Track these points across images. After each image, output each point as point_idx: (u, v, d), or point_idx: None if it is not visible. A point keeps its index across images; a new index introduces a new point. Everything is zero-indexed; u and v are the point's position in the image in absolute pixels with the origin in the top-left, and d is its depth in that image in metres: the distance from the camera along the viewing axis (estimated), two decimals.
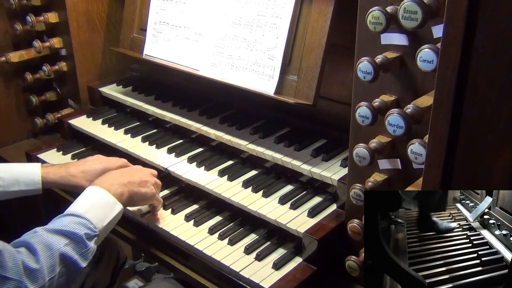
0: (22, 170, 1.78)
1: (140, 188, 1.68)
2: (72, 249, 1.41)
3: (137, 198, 1.68)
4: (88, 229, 1.46)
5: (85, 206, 1.52)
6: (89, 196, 1.57)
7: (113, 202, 1.57)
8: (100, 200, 1.56)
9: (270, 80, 1.81)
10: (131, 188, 1.65)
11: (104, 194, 1.57)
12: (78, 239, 1.43)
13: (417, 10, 1.14)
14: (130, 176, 1.68)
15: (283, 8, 1.78)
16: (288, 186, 1.83)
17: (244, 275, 1.56)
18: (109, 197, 1.57)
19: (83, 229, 1.45)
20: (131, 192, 1.64)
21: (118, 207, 1.58)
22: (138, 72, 2.59)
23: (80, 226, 1.45)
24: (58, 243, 1.39)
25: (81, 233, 1.44)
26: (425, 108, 1.20)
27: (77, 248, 1.42)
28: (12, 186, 1.75)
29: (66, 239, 1.41)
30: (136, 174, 1.72)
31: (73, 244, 1.42)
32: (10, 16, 2.44)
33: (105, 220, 1.52)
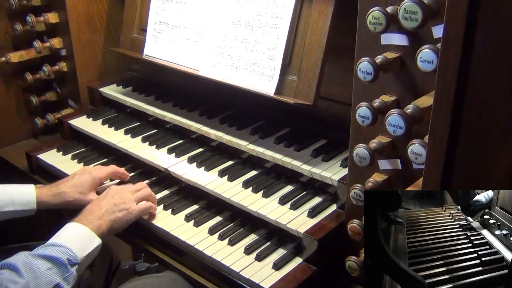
0: (16, 190, 1.81)
1: (117, 214, 1.71)
2: (55, 273, 1.46)
3: (118, 224, 1.72)
4: (70, 256, 1.52)
5: (66, 238, 1.57)
6: (68, 230, 1.61)
7: (91, 236, 1.62)
8: (79, 234, 1.61)
9: (270, 81, 1.81)
10: (108, 218, 1.69)
11: (83, 229, 1.62)
12: (61, 264, 1.48)
13: (417, 11, 1.14)
14: (106, 205, 1.72)
15: (283, 9, 1.78)
16: (288, 187, 1.83)
17: (244, 275, 1.56)
18: (87, 231, 1.62)
19: (65, 255, 1.50)
20: (108, 222, 1.68)
21: (97, 242, 1.62)
22: (138, 72, 2.59)
23: (62, 253, 1.50)
24: (41, 266, 1.45)
25: (63, 258, 1.49)
26: (425, 108, 1.20)
27: (60, 272, 1.48)
28: (6, 206, 1.78)
29: (49, 263, 1.47)
30: (111, 200, 1.74)
31: (56, 268, 1.47)
32: (10, 17, 2.44)
33: (84, 251, 1.57)
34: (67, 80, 2.52)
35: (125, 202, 1.74)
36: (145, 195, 1.83)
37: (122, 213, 1.72)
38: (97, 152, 2.24)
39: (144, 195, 1.82)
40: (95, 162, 2.16)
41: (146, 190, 1.84)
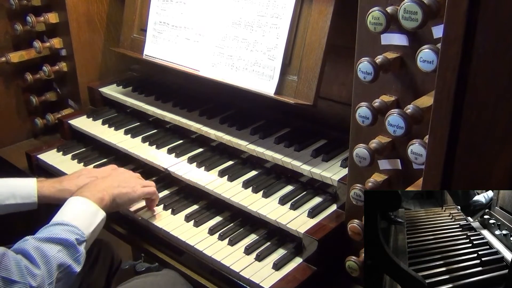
0: (18, 184, 1.80)
1: (121, 189, 1.71)
2: (65, 254, 1.45)
3: (121, 199, 1.71)
4: (77, 234, 1.50)
5: (71, 215, 1.56)
6: (72, 206, 1.60)
7: (95, 209, 1.61)
8: (84, 209, 1.60)
9: (270, 81, 1.81)
10: (111, 191, 1.68)
11: (86, 202, 1.61)
12: (70, 245, 1.47)
13: (417, 11, 1.14)
14: (110, 181, 1.72)
15: (283, 9, 1.78)
16: (288, 187, 1.84)
17: (244, 276, 1.57)
18: (91, 204, 1.61)
19: (73, 235, 1.49)
20: (111, 195, 1.68)
21: (101, 215, 1.62)
22: (138, 72, 2.59)
23: (69, 233, 1.49)
24: (51, 250, 1.43)
25: (72, 238, 1.48)
26: (425, 108, 1.20)
27: (70, 253, 1.47)
28: (8, 199, 1.77)
29: (58, 246, 1.45)
30: (116, 177, 1.75)
31: (65, 250, 1.46)
32: (10, 17, 2.44)
33: (90, 226, 1.56)
34: (67, 80, 2.52)
35: (129, 182, 1.75)
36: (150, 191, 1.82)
37: (126, 190, 1.72)
38: (97, 152, 2.24)
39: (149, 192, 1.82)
40: (95, 162, 2.17)
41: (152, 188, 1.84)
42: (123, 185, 1.73)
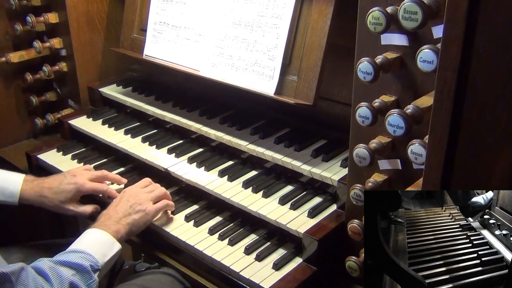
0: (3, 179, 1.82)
1: (134, 216, 1.71)
2: (79, 279, 1.47)
3: (136, 227, 1.72)
4: (92, 262, 1.52)
5: (87, 244, 1.58)
6: (89, 236, 1.62)
7: (112, 241, 1.62)
8: (99, 240, 1.61)
9: (270, 81, 1.81)
10: (126, 221, 1.69)
11: (102, 234, 1.62)
12: (84, 270, 1.49)
13: (417, 11, 1.14)
14: (123, 208, 1.72)
15: (283, 9, 1.78)
16: (288, 187, 1.84)
17: (244, 276, 1.57)
18: (108, 236, 1.62)
19: (87, 262, 1.51)
20: (126, 226, 1.69)
21: (117, 247, 1.63)
22: (138, 72, 2.59)
23: (84, 260, 1.51)
24: (66, 273, 1.45)
25: (86, 264, 1.50)
26: (425, 108, 1.20)
27: (84, 278, 1.48)
28: None
29: (73, 271, 1.47)
30: (127, 201, 1.74)
31: (79, 274, 1.48)
32: (10, 17, 2.44)
33: (105, 257, 1.58)
34: (67, 80, 2.52)
35: (141, 203, 1.74)
36: (160, 194, 1.82)
37: (139, 215, 1.72)
38: (97, 152, 2.24)
39: (159, 195, 1.81)
40: (95, 162, 2.16)
41: (160, 190, 1.83)
42: (136, 208, 1.72)
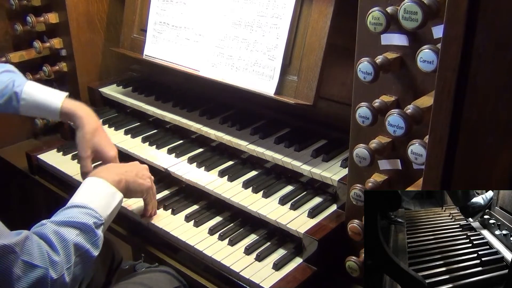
0: (46, 96, 1.90)
1: (137, 178, 1.71)
2: (83, 239, 1.43)
3: (133, 188, 1.70)
4: (95, 218, 1.48)
5: (88, 197, 1.53)
6: (89, 187, 1.59)
7: (113, 191, 1.59)
8: (101, 190, 1.58)
9: (270, 81, 1.81)
10: (128, 176, 1.67)
11: (104, 184, 1.59)
12: (88, 229, 1.44)
13: (417, 11, 1.14)
14: (127, 167, 1.72)
15: (283, 9, 1.78)
16: (288, 187, 1.84)
17: (244, 276, 1.57)
18: (109, 186, 1.59)
19: (91, 219, 1.46)
20: (127, 181, 1.67)
21: (119, 196, 1.60)
22: (138, 72, 2.59)
23: (87, 216, 1.46)
24: (70, 234, 1.40)
25: (90, 222, 1.45)
26: (425, 108, 1.20)
27: (88, 237, 1.44)
28: (32, 109, 1.91)
29: (76, 230, 1.42)
30: (133, 166, 1.76)
31: (83, 234, 1.43)
32: (11, 17, 2.44)
33: (108, 209, 1.54)
34: (67, 80, 2.52)
35: (144, 174, 1.76)
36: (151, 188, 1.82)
37: (141, 180, 1.72)
38: None
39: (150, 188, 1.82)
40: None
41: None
42: (139, 175, 1.73)
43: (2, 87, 1.86)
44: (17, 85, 1.88)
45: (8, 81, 1.88)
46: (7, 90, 1.86)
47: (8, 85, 1.86)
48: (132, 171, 1.71)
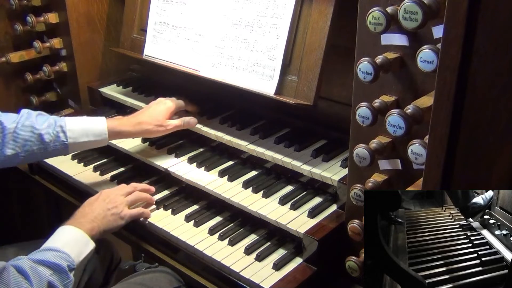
0: (89, 121, 1.92)
1: (109, 218, 1.73)
2: (56, 279, 1.49)
3: (109, 228, 1.74)
4: (68, 262, 1.53)
5: (62, 242, 1.59)
6: (64, 234, 1.63)
7: (86, 240, 1.64)
8: (75, 238, 1.63)
9: (270, 81, 1.81)
10: (100, 221, 1.71)
11: (77, 232, 1.64)
12: (62, 270, 1.50)
13: (417, 11, 1.14)
14: (98, 209, 1.73)
15: (283, 9, 1.78)
16: (288, 187, 1.84)
17: (244, 276, 1.57)
18: (83, 234, 1.64)
19: (65, 262, 1.52)
20: (101, 226, 1.70)
21: (91, 245, 1.65)
22: (138, 72, 2.59)
23: (61, 259, 1.52)
24: (44, 272, 1.47)
25: (64, 265, 1.51)
26: (425, 108, 1.20)
27: (61, 278, 1.50)
28: (81, 137, 1.88)
29: (50, 270, 1.48)
30: (103, 203, 1.76)
31: (57, 274, 1.49)
32: (11, 17, 2.44)
33: (80, 256, 1.60)
34: (67, 80, 2.52)
35: (116, 206, 1.76)
36: (136, 198, 1.84)
37: (113, 217, 1.74)
38: (97, 153, 2.24)
39: (135, 199, 1.84)
40: (95, 162, 2.17)
41: (136, 194, 1.85)
42: (112, 211, 1.74)
43: (45, 125, 1.84)
44: (58, 120, 1.88)
45: (48, 119, 1.88)
46: (51, 126, 1.85)
47: (49, 123, 1.86)
48: (101, 213, 1.72)
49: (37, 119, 1.85)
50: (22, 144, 1.81)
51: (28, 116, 1.85)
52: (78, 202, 2.04)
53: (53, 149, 1.86)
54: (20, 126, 1.81)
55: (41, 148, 1.84)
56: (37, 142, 1.83)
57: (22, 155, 1.83)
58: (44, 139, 1.83)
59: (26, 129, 1.82)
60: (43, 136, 1.82)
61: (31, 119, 1.84)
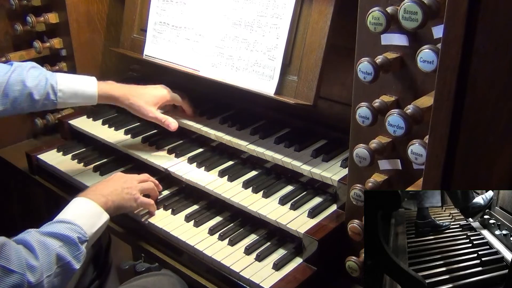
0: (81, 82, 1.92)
1: (123, 195, 1.73)
2: (66, 251, 1.47)
3: (121, 206, 1.73)
4: (80, 233, 1.52)
5: (74, 215, 1.58)
6: (77, 206, 1.63)
7: (100, 211, 1.63)
8: (88, 210, 1.62)
9: (270, 81, 1.81)
10: (115, 197, 1.70)
11: (91, 204, 1.63)
12: (72, 242, 1.49)
13: (417, 11, 1.14)
14: (113, 185, 1.74)
15: (283, 9, 1.78)
16: (288, 187, 1.84)
17: (244, 276, 1.57)
18: (96, 206, 1.63)
19: (75, 234, 1.51)
20: (113, 201, 1.70)
21: (105, 217, 1.64)
22: (139, 72, 2.59)
23: (72, 231, 1.51)
24: (53, 244, 1.45)
25: (74, 236, 1.50)
26: (426, 108, 1.20)
27: (71, 250, 1.48)
28: (71, 98, 1.90)
29: (60, 242, 1.47)
30: (118, 182, 1.77)
31: (67, 246, 1.48)
32: (11, 17, 2.44)
33: (93, 227, 1.58)
34: None
35: (131, 187, 1.77)
36: (149, 188, 1.85)
37: (128, 196, 1.74)
38: (97, 153, 2.24)
39: (148, 188, 1.84)
40: (95, 162, 2.17)
41: (150, 184, 1.86)
42: (126, 191, 1.75)
43: (36, 83, 1.85)
44: (50, 78, 1.88)
45: (40, 76, 1.87)
46: (42, 84, 1.85)
47: (41, 80, 1.86)
48: (117, 189, 1.73)
49: (29, 74, 1.85)
50: (12, 101, 1.82)
51: (20, 72, 1.84)
52: None
53: (42, 106, 1.88)
54: (11, 83, 1.81)
55: (30, 105, 1.86)
56: (26, 100, 1.83)
57: (10, 110, 1.84)
58: (34, 97, 1.84)
59: (17, 86, 1.82)
60: (33, 95, 1.83)
61: (23, 75, 1.83)
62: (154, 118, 2.01)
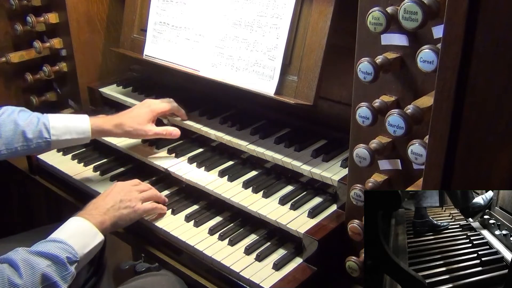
0: (73, 119, 1.92)
1: (122, 211, 1.71)
2: (53, 270, 1.46)
3: (122, 221, 1.72)
4: (70, 253, 1.51)
5: (67, 234, 1.56)
6: (72, 225, 1.61)
7: (94, 232, 1.61)
8: (82, 230, 1.60)
9: (270, 81, 1.81)
10: (113, 214, 1.69)
11: (85, 224, 1.61)
12: (60, 262, 1.48)
13: (417, 11, 1.14)
14: (111, 201, 1.72)
15: (283, 9, 1.78)
16: (288, 187, 1.84)
17: (244, 276, 1.57)
18: (91, 227, 1.61)
19: (65, 253, 1.49)
20: (112, 218, 1.68)
21: (99, 238, 1.62)
22: (139, 72, 2.59)
23: (62, 251, 1.49)
24: (40, 264, 1.44)
25: (63, 256, 1.48)
26: (426, 108, 1.20)
27: (59, 270, 1.47)
28: (64, 134, 1.88)
29: (48, 261, 1.46)
30: (117, 195, 1.74)
31: (54, 266, 1.46)
32: (11, 17, 2.45)
33: (86, 248, 1.57)
34: (67, 80, 2.52)
35: (130, 200, 1.75)
36: (151, 196, 1.83)
37: (127, 210, 1.72)
38: (97, 152, 2.24)
39: (149, 196, 1.82)
40: (95, 162, 2.17)
41: (151, 192, 1.84)
42: (125, 204, 1.73)
43: (28, 122, 1.83)
44: (41, 117, 1.87)
45: (31, 116, 1.87)
46: (34, 122, 1.84)
47: (32, 119, 1.85)
48: (115, 204, 1.71)
49: (20, 115, 1.84)
50: (5, 142, 1.80)
51: (10, 113, 1.84)
52: (78, 202, 2.04)
53: (36, 146, 1.86)
54: (2, 124, 1.80)
55: (24, 146, 1.84)
56: (20, 140, 1.82)
57: (4, 152, 1.82)
58: (27, 136, 1.82)
59: (9, 126, 1.81)
60: (26, 133, 1.82)
61: (14, 116, 1.83)
62: (155, 135, 2.01)
